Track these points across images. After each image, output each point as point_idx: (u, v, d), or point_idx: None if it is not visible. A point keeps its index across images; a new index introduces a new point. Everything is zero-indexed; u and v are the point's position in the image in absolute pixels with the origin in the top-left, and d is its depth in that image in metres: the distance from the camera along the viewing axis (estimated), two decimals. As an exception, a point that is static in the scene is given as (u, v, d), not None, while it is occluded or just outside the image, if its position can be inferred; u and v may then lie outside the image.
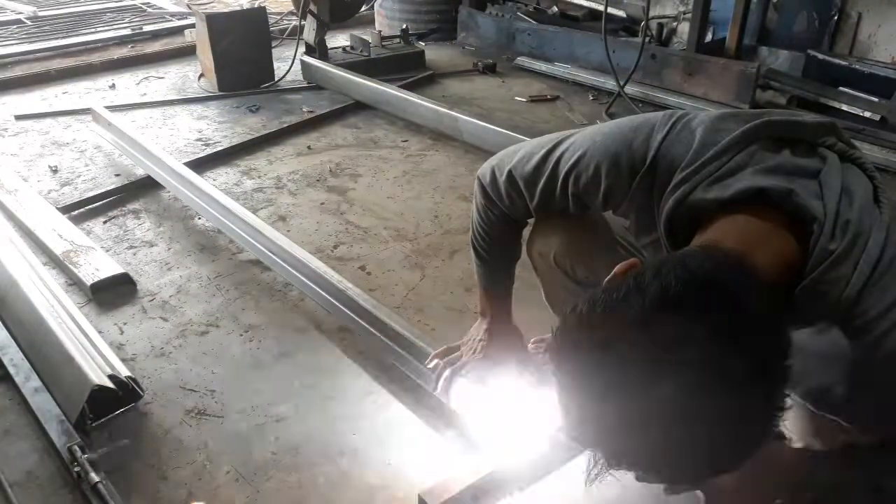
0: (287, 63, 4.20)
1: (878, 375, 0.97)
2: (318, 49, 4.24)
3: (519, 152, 1.31)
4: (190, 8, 5.16)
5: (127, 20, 5.30)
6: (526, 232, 1.52)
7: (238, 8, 4.24)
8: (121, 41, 4.85)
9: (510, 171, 1.30)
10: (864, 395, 1.01)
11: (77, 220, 2.61)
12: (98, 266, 2.25)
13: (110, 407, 1.69)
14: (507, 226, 1.45)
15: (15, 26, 5.08)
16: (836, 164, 1.01)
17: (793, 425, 1.21)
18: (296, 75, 4.20)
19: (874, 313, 0.93)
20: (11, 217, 2.57)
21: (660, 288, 0.80)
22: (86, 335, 1.86)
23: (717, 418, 0.77)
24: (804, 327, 0.95)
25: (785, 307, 0.94)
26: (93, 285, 2.18)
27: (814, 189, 0.97)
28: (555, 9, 5.17)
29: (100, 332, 1.94)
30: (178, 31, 5.05)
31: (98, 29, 5.05)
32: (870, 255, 0.93)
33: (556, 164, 1.22)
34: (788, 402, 0.82)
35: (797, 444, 1.22)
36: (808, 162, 1.00)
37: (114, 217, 2.68)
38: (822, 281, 0.93)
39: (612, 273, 0.89)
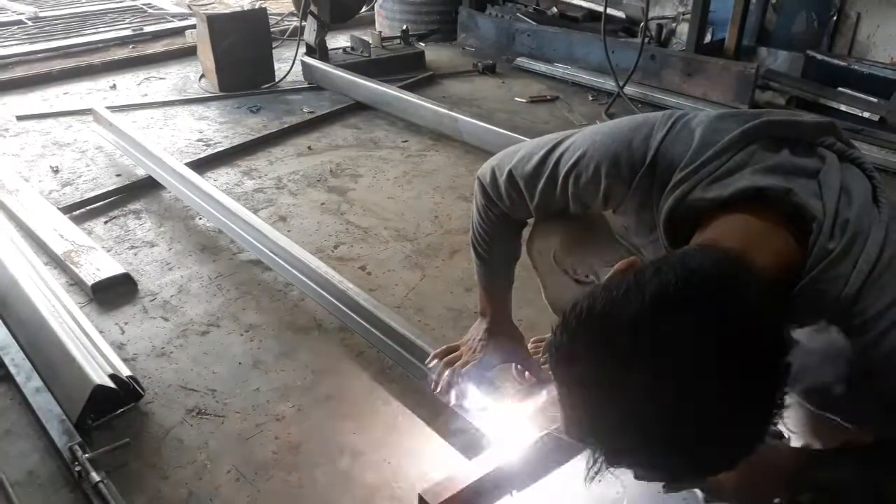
0: (288, 64, 4.20)
1: (877, 374, 0.97)
2: (319, 50, 4.24)
3: (519, 152, 1.31)
4: (191, 9, 5.15)
5: (128, 21, 5.30)
6: (526, 232, 1.52)
7: (239, 9, 4.24)
8: (122, 42, 4.85)
9: (510, 171, 1.31)
10: (864, 394, 1.01)
11: (78, 221, 2.61)
12: (99, 266, 2.26)
13: (111, 406, 1.69)
14: (507, 226, 1.45)
15: (16, 27, 5.08)
16: (835, 163, 1.01)
17: (793, 425, 1.21)
18: (296, 76, 4.21)
19: (873, 312, 0.93)
20: (13, 217, 2.57)
21: (659, 286, 0.80)
22: (87, 335, 1.86)
23: (717, 416, 0.77)
24: (803, 326, 0.95)
25: (784, 306, 0.94)
26: (94, 285, 2.18)
27: (813, 188, 0.97)
28: (554, 9, 5.17)
29: (101, 331, 1.94)
30: (179, 31, 5.05)
31: (99, 30, 5.06)
32: (869, 255, 0.93)
33: (556, 164, 1.22)
34: (788, 401, 0.83)
35: (797, 444, 1.22)
36: (807, 162, 1.01)
37: (115, 217, 2.69)
38: (821, 280, 0.93)
39: (612, 271, 0.90)
